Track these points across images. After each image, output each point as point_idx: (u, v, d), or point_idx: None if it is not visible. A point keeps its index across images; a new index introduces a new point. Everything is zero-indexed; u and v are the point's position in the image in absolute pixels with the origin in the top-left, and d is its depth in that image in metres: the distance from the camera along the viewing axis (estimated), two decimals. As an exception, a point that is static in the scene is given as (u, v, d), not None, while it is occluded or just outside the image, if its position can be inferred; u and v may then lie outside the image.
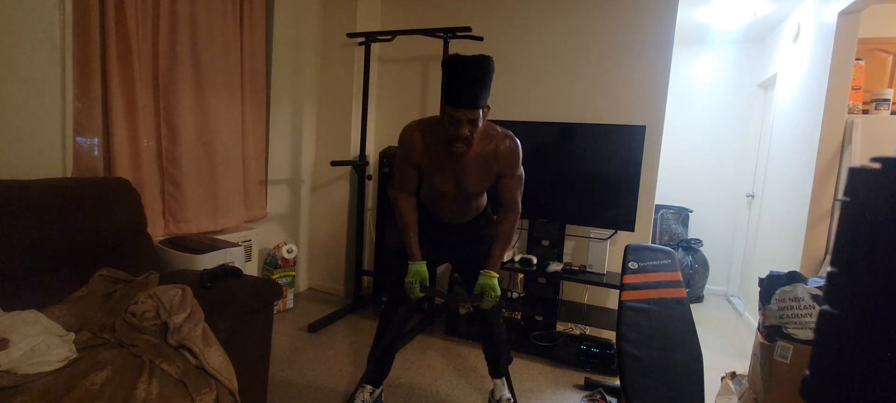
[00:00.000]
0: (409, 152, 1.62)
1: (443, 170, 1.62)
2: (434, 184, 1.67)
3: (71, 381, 1.14)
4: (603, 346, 2.45)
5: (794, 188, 2.80)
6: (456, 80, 1.42)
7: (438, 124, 1.58)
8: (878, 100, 2.52)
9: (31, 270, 1.46)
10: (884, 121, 2.47)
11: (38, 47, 1.75)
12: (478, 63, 1.42)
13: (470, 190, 1.66)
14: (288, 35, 2.98)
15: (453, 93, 1.43)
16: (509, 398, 1.98)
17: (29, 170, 1.75)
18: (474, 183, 1.64)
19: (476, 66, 1.41)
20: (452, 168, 1.61)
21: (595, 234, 2.67)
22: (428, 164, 1.63)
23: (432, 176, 1.65)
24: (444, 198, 1.71)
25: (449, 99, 1.44)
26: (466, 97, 1.41)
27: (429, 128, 1.62)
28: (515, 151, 1.62)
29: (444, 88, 1.47)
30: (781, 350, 1.59)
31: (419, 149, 1.61)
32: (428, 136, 1.61)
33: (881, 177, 0.47)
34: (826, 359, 0.52)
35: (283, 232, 3.17)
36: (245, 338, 1.52)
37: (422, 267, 1.68)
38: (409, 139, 1.62)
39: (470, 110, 1.43)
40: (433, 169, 1.63)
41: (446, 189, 1.66)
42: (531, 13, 2.93)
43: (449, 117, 1.46)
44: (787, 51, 3.24)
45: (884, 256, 0.46)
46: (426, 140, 1.61)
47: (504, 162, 1.61)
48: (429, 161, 1.62)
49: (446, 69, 1.45)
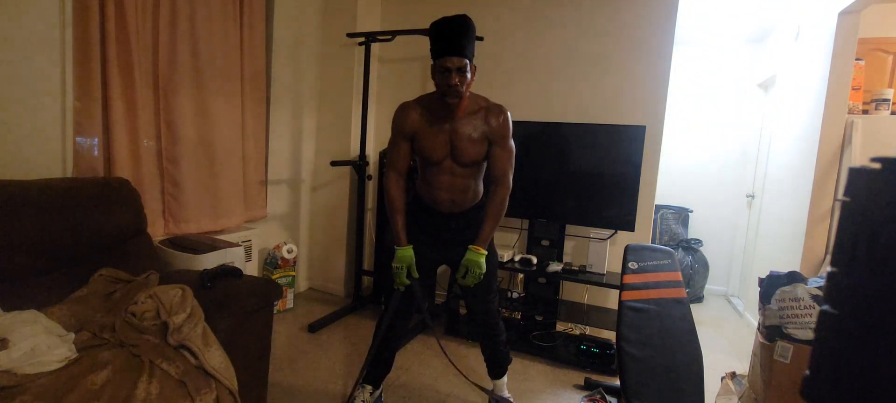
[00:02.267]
0: (403, 124, 1.67)
1: (436, 136, 1.65)
2: (428, 153, 1.67)
3: (71, 381, 1.14)
4: (603, 346, 2.45)
5: (794, 188, 2.80)
6: (441, 34, 1.53)
7: (430, 96, 1.67)
8: (878, 100, 2.52)
9: (31, 270, 1.46)
10: (884, 121, 2.47)
11: (38, 47, 1.75)
12: (459, 17, 1.53)
13: (464, 156, 1.66)
14: (288, 35, 2.98)
15: (440, 45, 1.52)
16: (509, 398, 1.99)
17: (29, 170, 1.75)
18: (468, 147, 1.64)
19: (458, 19, 1.53)
20: (446, 133, 1.64)
21: (595, 234, 2.67)
22: (422, 132, 1.66)
23: (426, 143, 1.66)
24: (439, 173, 1.69)
25: (436, 51, 1.54)
26: (452, 45, 1.50)
27: (420, 101, 1.69)
28: (506, 118, 1.68)
29: (431, 48, 1.56)
30: (781, 350, 1.59)
31: (412, 119, 1.66)
32: (421, 108, 1.67)
33: (881, 177, 0.47)
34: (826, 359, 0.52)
35: (283, 232, 3.17)
36: (245, 338, 1.52)
37: (408, 251, 1.70)
38: (401, 112, 1.69)
39: (457, 58, 1.51)
40: (427, 136, 1.66)
41: (440, 156, 1.67)
42: (531, 13, 2.93)
43: (439, 69, 1.54)
44: (787, 51, 3.24)
45: (884, 256, 0.46)
46: (419, 111, 1.67)
47: (495, 127, 1.65)
48: (422, 129, 1.66)
49: (432, 29, 1.56)
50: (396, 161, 1.73)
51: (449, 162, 1.68)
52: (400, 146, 1.70)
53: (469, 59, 1.54)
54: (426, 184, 1.75)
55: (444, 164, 1.68)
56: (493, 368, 1.98)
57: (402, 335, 1.91)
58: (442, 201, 1.73)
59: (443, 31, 1.53)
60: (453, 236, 1.78)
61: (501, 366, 1.97)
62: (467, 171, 1.70)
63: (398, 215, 1.72)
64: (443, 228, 1.78)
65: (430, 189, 1.74)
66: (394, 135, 1.71)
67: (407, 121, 1.67)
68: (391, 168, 1.74)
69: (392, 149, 1.73)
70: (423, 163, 1.74)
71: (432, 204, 1.75)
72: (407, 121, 1.67)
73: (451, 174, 1.70)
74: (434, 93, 1.64)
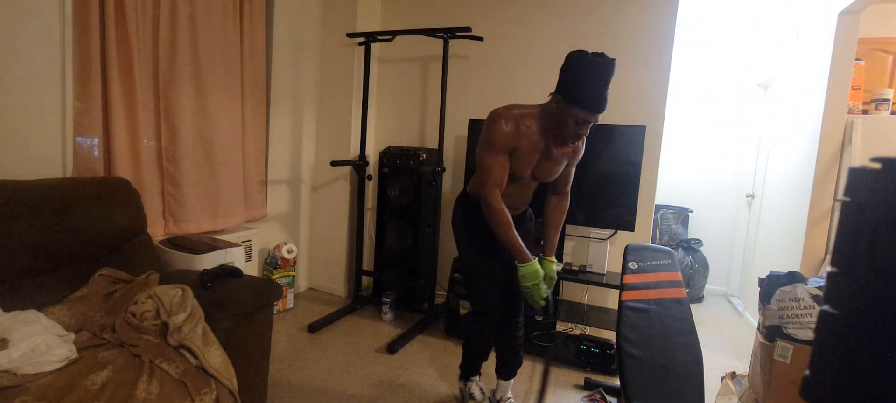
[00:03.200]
0: (507, 138, 1.55)
1: (529, 157, 1.61)
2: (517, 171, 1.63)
3: (71, 381, 1.14)
4: (603, 346, 2.45)
5: (794, 188, 2.80)
6: (594, 83, 1.40)
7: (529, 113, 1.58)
8: (878, 100, 2.52)
9: (31, 270, 1.46)
10: (884, 121, 2.47)
11: (38, 47, 1.75)
12: (613, 67, 1.41)
13: (545, 176, 1.68)
14: (288, 35, 2.98)
15: (589, 97, 1.41)
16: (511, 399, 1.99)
17: (29, 170, 1.75)
18: (550, 169, 1.67)
19: (613, 70, 1.41)
20: (538, 157, 1.62)
21: (595, 234, 2.67)
22: (519, 152, 1.58)
23: (519, 162, 1.61)
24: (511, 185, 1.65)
25: (582, 101, 1.42)
26: (602, 102, 1.42)
27: (525, 116, 1.58)
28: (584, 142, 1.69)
29: (571, 87, 1.43)
30: (781, 350, 1.59)
31: (514, 136, 1.56)
32: (527, 125, 1.57)
33: (881, 177, 0.47)
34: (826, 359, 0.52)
35: (283, 232, 3.17)
36: (245, 338, 1.52)
37: (535, 266, 1.60)
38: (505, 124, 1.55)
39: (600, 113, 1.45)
40: (523, 156, 1.60)
41: (525, 174, 1.65)
42: (531, 13, 2.93)
43: (578, 119, 1.45)
44: (787, 51, 3.24)
45: (884, 256, 0.46)
46: (526, 128, 1.57)
47: (578, 151, 1.69)
48: (521, 149, 1.58)
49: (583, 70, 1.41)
50: (498, 176, 1.59)
51: (527, 179, 1.67)
52: (502, 160, 1.58)
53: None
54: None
55: (524, 181, 1.67)
56: (505, 368, 1.97)
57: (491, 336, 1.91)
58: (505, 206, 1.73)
59: (596, 80, 1.40)
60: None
61: (514, 367, 1.98)
62: (535, 184, 1.74)
63: (511, 231, 1.59)
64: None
65: None
66: (494, 148, 1.57)
67: (510, 137, 1.56)
68: (494, 185, 1.59)
69: (492, 163, 1.58)
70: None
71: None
72: (510, 137, 1.56)
73: (521, 187, 1.70)
74: (535, 112, 1.57)
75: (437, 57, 3.11)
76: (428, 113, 3.25)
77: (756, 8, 3.13)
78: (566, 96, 1.45)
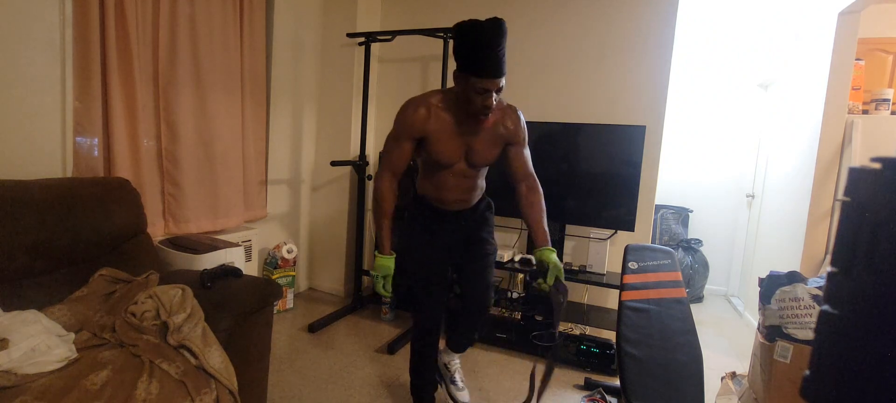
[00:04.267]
0: (411, 124, 1.53)
1: (451, 140, 1.56)
2: (440, 157, 1.58)
3: (71, 381, 1.14)
4: (603, 346, 2.45)
5: (794, 188, 2.80)
6: (483, 49, 1.35)
7: (445, 96, 1.55)
8: (878, 100, 2.52)
9: (31, 270, 1.46)
10: (884, 121, 2.47)
11: (38, 47, 1.75)
12: (501, 28, 1.36)
13: (479, 159, 1.61)
14: (288, 35, 2.98)
15: (481, 64, 1.36)
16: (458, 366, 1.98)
17: (29, 170, 1.75)
18: (484, 151, 1.59)
19: (500, 30, 1.35)
20: (463, 137, 1.56)
21: (595, 234, 2.67)
22: (434, 135, 1.54)
23: (440, 147, 1.56)
24: (449, 175, 1.63)
25: (476, 69, 1.37)
26: (496, 65, 1.37)
27: (434, 101, 1.55)
28: (522, 119, 1.64)
29: (464, 58, 1.40)
30: (781, 350, 1.59)
31: (422, 120, 1.53)
32: (434, 108, 1.54)
33: (881, 177, 0.47)
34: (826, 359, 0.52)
35: (283, 232, 3.17)
36: (245, 338, 1.52)
37: (390, 261, 1.62)
38: (411, 111, 1.53)
39: (500, 78, 1.40)
40: (441, 140, 1.55)
41: (454, 160, 1.59)
42: (531, 13, 2.93)
43: (477, 88, 1.40)
44: (787, 51, 3.24)
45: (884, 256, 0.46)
46: (431, 111, 1.54)
47: (513, 129, 1.61)
48: (436, 132, 1.54)
49: (468, 37, 1.37)
50: (396, 161, 1.60)
51: (461, 164, 1.62)
52: (403, 146, 1.57)
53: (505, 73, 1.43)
54: (432, 185, 1.69)
55: (456, 167, 1.62)
56: (460, 343, 1.95)
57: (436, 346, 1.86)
58: (449, 201, 1.69)
59: (484, 45, 1.35)
60: (466, 234, 1.75)
61: (468, 344, 1.98)
62: (477, 172, 1.68)
63: (386, 219, 1.62)
64: (453, 228, 1.74)
65: (436, 189, 1.68)
66: (397, 134, 1.58)
67: (417, 122, 1.53)
68: (387, 168, 1.62)
69: (393, 147, 1.59)
70: (429, 164, 1.66)
71: (438, 204, 1.70)
72: (417, 122, 1.53)
73: (461, 176, 1.64)
74: (449, 94, 1.55)
75: (437, 57, 3.11)
76: (428, 113, 3.24)
77: (756, 8, 3.13)
78: (461, 68, 1.41)
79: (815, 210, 2.54)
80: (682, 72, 3.94)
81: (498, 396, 2.13)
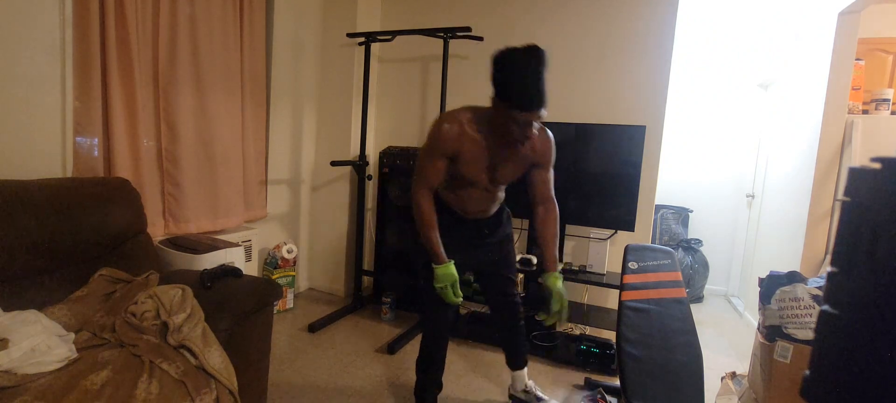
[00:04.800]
0: (447, 142, 1.51)
1: (480, 160, 1.56)
2: (467, 175, 1.58)
3: (71, 381, 1.14)
4: (603, 346, 2.45)
5: (794, 188, 2.80)
6: (529, 81, 1.34)
7: (478, 115, 1.54)
8: (878, 100, 2.52)
9: (31, 270, 1.46)
10: (884, 121, 2.47)
11: (38, 47, 1.75)
12: (543, 60, 1.35)
13: (503, 179, 1.64)
14: (288, 35, 2.98)
15: (526, 96, 1.35)
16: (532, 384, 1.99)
17: (29, 170, 1.75)
18: (510, 172, 1.62)
19: (543, 63, 1.35)
20: (492, 159, 1.57)
21: (595, 234, 2.67)
22: (465, 155, 1.54)
23: (468, 167, 1.56)
24: (473, 189, 1.64)
25: (520, 103, 1.36)
26: (540, 99, 1.36)
27: (470, 119, 1.53)
28: (552, 143, 1.65)
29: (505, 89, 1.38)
30: (781, 350, 1.59)
31: (456, 139, 1.51)
32: (468, 127, 1.52)
33: (881, 177, 0.47)
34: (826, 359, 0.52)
35: (283, 232, 3.17)
36: (245, 338, 1.52)
37: (451, 268, 1.58)
38: (448, 127, 1.51)
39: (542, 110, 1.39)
40: (471, 161, 1.55)
41: (479, 178, 1.60)
42: (531, 13, 2.93)
43: (519, 120, 1.39)
44: (787, 51, 3.24)
45: (884, 256, 0.46)
46: (469, 131, 1.52)
47: (541, 151, 1.62)
48: (467, 152, 1.53)
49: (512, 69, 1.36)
50: (431, 177, 1.56)
51: (485, 182, 1.63)
52: (437, 163, 1.55)
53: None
54: (455, 197, 1.69)
55: (480, 184, 1.63)
56: (515, 358, 1.97)
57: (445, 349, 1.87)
58: (470, 212, 1.73)
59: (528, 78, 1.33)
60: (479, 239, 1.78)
61: (524, 355, 1.98)
62: (500, 188, 1.72)
63: (433, 231, 1.58)
64: (473, 234, 1.76)
65: (458, 200, 1.70)
66: (431, 150, 1.54)
67: (451, 141, 1.51)
68: (423, 184, 1.58)
69: (427, 164, 1.56)
70: (454, 178, 1.63)
71: (461, 212, 1.73)
72: (451, 141, 1.51)
73: (484, 191, 1.67)
74: (482, 114, 1.53)
75: (437, 57, 3.11)
76: (428, 113, 3.25)
77: (756, 8, 3.13)
78: (503, 99, 1.39)
79: (815, 210, 2.54)
80: (682, 72, 3.94)
81: (497, 396, 2.13)
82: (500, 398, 2.11)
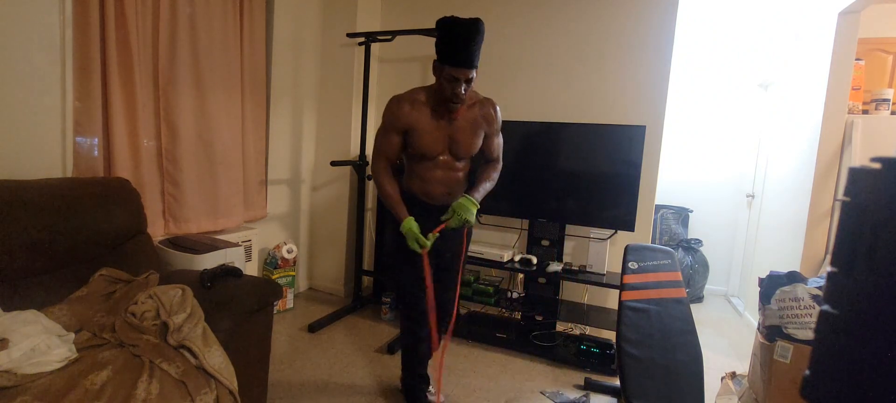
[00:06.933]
0: (396, 118, 1.68)
1: (434, 132, 1.68)
2: (425, 148, 1.69)
3: (71, 381, 1.14)
4: (603, 346, 2.45)
5: (794, 188, 2.80)
6: (456, 42, 1.51)
7: (426, 91, 1.69)
8: (878, 100, 2.52)
9: (31, 270, 1.46)
10: (884, 121, 2.47)
11: (38, 47, 1.75)
12: (475, 26, 1.52)
13: (461, 150, 1.72)
14: (288, 35, 2.98)
15: (453, 55, 1.51)
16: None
17: (29, 170, 1.75)
18: (466, 141, 1.72)
19: (474, 28, 1.51)
20: (444, 129, 1.69)
21: (595, 234, 2.67)
22: (418, 128, 1.67)
23: (423, 139, 1.68)
24: (435, 167, 1.73)
25: (449, 60, 1.52)
26: (466, 57, 1.51)
27: (415, 96, 1.69)
28: (498, 110, 1.80)
29: (440, 49, 1.55)
30: (781, 350, 1.59)
31: (406, 114, 1.67)
32: (416, 103, 1.68)
33: (881, 177, 0.47)
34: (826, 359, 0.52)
35: (283, 232, 3.17)
36: (245, 338, 1.52)
37: (412, 222, 1.68)
38: (395, 106, 1.68)
39: (470, 70, 1.54)
40: (424, 132, 1.68)
41: (437, 151, 1.71)
42: (531, 13, 2.93)
43: (448, 77, 1.55)
44: (787, 51, 3.24)
45: (884, 256, 0.46)
46: (414, 106, 1.67)
47: (490, 118, 1.76)
48: (419, 125, 1.67)
49: (445, 31, 1.52)
50: (387, 150, 1.73)
51: (446, 156, 1.72)
52: (391, 138, 1.71)
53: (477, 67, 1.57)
54: (418, 179, 1.77)
55: (441, 159, 1.72)
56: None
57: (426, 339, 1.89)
58: (436, 194, 1.77)
59: (456, 38, 1.51)
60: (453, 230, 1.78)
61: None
62: (462, 164, 1.77)
63: (394, 192, 1.73)
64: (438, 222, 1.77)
65: (423, 183, 1.76)
66: (385, 128, 1.72)
67: (401, 116, 1.67)
68: (381, 156, 1.75)
69: (383, 140, 1.73)
70: (415, 158, 1.76)
71: (425, 198, 1.78)
72: (401, 116, 1.67)
73: (446, 168, 1.74)
74: (430, 89, 1.66)
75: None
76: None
77: (756, 8, 3.13)
78: (438, 59, 1.56)
79: (815, 210, 2.54)
80: (682, 72, 3.94)
81: (497, 396, 2.13)
82: (501, 398, 2.12)
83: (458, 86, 1.55)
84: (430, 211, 1.76)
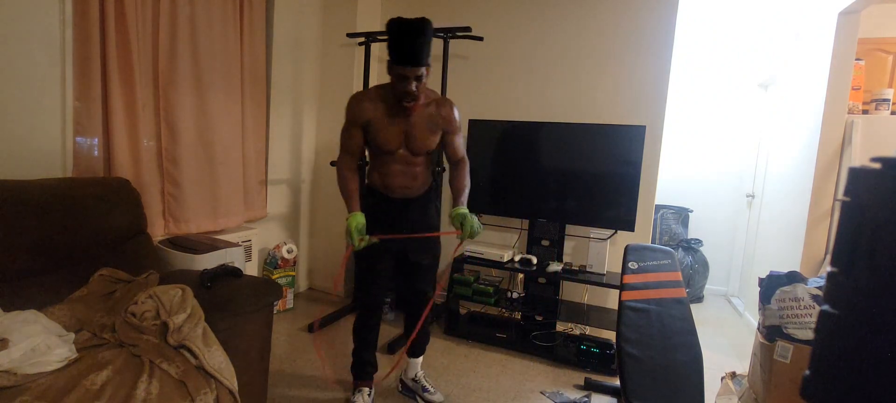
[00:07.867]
0: (356, 114, 1.75)
1: (391, 128, 1.74)
2: (382, 143, 1.75)
3: (71, 381, 1.14)
4: (603, 346, 2.45)
5: (794, 188, 2.80)
6: (402, 42, 1.57)
7: (384, 88, 1.74)
8: (878, 100, 2.52)
9: (31, 270, 1.46)
10: (884, 121, 2.47)
11: (38, 47, 1.75)
12: (421, 25, 1.56)
13: (417, 145, 1.76)
14: (288, 35, 2.98)
15: (401, 54, 1.57)
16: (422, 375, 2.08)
17: (29, 170, 1.75)
18: (421, 136, 1.76)
19: (420, 28, 1.56)
20: (400, 124, 1.74)
21: (595, 234, 2.67)
22: (376, 124, 1.73)
23: (381, 134, 1.74)
24: (393, 162, 1.79)
25: (397, 59, 1.58)
26: (410, 56, 1.56)
27: (374, 94, 1.76)
28: (454, 109, 1.82)
29: (389, 49, 1.60)
30: (781, 350, 1.59)
31: (365, 110, 1.73)
32: (375, 100, 1.74)
33: (881, 177, 0.47)
34: (826, 359, 0.52)
35: (283, 232, 3.17)
36: (245, 338, 1.52)
37: (358, 217, 1.72)
38: (355, 102, 1.76)
39: (417, 68, 1.58)
40: (382, 128, 1.74)
41: (395, 145, 1.76)
42: (531, 13, 2.93)
43: (397, 75, 1.60)
44: (787, 51, 3.24)
45: (884, 256, 0.46)
46: (373, 102, 1.74)
47: (447, 117, 1.79)
48: (377, 121, 1.73)
49: (393, 32, 1.58)
50: (350, 145, 1.80)
51: (403, 151, 1.78)
52: (352, 133, 1.78)
53: (427, 65, 1.61)
54: (378, 173, 1.84)
55: (398, 153, 1.78)
56: (413, 346, 2.03)
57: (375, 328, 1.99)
58: (395, 187, 1.83)
59: (403, 38, 1.56)
60: (412, 225, 1.85)
61: (422, 345, 2.08)
62: (419, 160, 1.82)
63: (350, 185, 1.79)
64: (400, 217, 1.85)
65: (382, 177, 1.83)
66: (347, 123, 1.79)
67: (360, 112, 1.74)
68: (344, 151, 1.82)
69: (345, 135, 1.81)
70: (376, 153, 1.83)
71: (385, 191, 1.84)
72: (360, 112, 1.74)
73: (404, 163, 1.80)
74: (388, 86, 1.71)
75: (437, 57, 3.10)
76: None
77: (756, 8, 3.13)
78: (389, 58, 1.62)
79: (815, 210, 2.54)
80: (682, 72, 3.94)
81: (497, 396, 2.13)
82: (501, 398, 2.12)
83: (409, 84, 1.60)
84: (390, 203, 1.84)
